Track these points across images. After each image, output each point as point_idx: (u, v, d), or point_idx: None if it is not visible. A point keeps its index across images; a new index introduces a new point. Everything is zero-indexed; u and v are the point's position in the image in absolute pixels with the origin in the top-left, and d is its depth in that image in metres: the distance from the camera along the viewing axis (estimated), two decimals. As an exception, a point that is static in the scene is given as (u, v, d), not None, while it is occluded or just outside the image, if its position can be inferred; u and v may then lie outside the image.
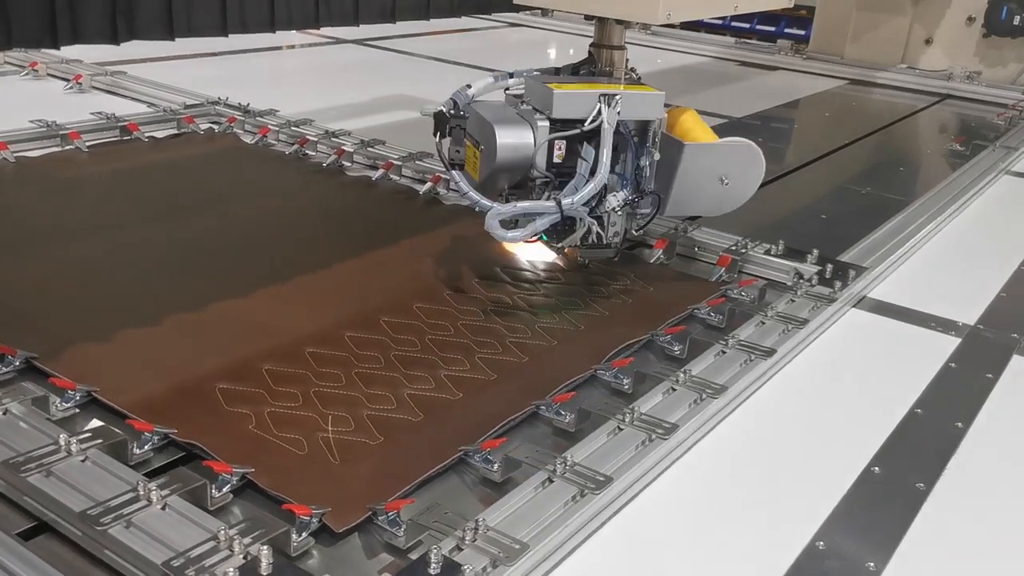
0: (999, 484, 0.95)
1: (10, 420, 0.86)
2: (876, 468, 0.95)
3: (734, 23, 4.27)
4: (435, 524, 0.78)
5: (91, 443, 0.83)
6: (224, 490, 0.81)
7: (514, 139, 1.17)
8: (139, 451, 0.85)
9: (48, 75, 2.24)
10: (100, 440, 0.84)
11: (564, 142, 1.18)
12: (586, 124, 1.16)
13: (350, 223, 1.51)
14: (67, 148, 1.72)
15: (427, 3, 1.82)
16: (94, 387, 0.94)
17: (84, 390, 0.93)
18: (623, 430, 0.91)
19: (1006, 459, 1.00)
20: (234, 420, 0.92)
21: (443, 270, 1.32)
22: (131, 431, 0.87)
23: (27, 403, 0.89)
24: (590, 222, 1.19)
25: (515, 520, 0.77)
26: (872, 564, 0.81)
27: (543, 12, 3.76)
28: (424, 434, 0.93)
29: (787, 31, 4.22)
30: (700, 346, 1.12)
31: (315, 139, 1.81)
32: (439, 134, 1.26)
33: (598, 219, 1.21)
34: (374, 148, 1.78)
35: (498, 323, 1.17)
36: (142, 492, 0.76)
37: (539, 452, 0.90)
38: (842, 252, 1.44)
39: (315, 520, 0.77)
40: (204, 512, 0.77)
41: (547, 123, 1.17)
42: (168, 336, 1.10)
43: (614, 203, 1.19)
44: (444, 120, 1.25)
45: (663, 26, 3.45)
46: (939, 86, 2.97)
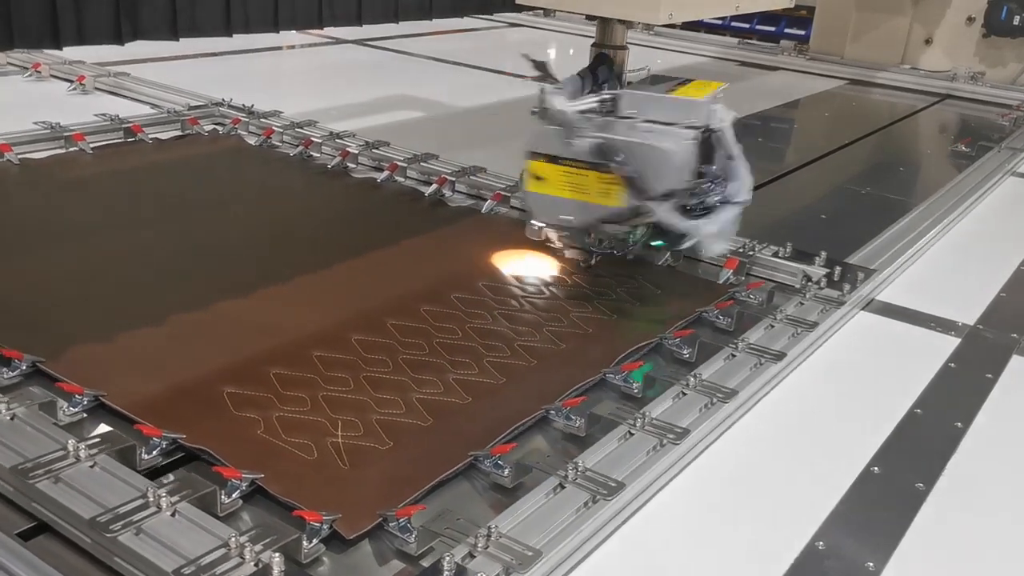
0: (998, 484, 0.95)
1: (17, 425, 0.86)
2: (876, 468, 0.94)
3: (734, 23, 4.26)
4: (446, 531, 0.77)
5: (99, 448, 0.82)
6: (234, 496, 0.80)
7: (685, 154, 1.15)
8: (147, 456, 0.85)
9: (51, 76, 2.24)
10: (108, 445, 0.83)
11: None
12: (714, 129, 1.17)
13: (355, 225, 1.50)
14: (71, 150, 1.71)
15: (430, 3, 1.82)
16: (101, 391, 0.93)
17: (92, 394, 0.92)
18: (634, 435, 0.91)
19: (1005, 459, 1.00)
20: (242, 425, 0.92)
21: (450, 273, 1.31)
22: (139, 436, 0.86)
23: (34, 408, 0.89)
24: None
25: (527, 527, 0.77)
26: (871, 564, 0.81)
27: (545, 12, 3.75)
28: (433, 439, 0.93)
29: (787, 31, 4.21)
30: (709, 349, 1.11)
31: (320, 141, 1.81)
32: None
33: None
34: (379, 150, 1.77)
35: (506, 326, 1.16)
36: (152, 498, 0.76)
37: (550, 457, 0.89)
38: (841, 252, 1.43)
39: (325, 527, 0.77)
40: (214, 519, 0.76)
41: (695, 132, 1.16)
42: (174, 339, 1.09)
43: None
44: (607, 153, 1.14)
45: (665, 26, 3.46)
46: (940, 86, 2.96)
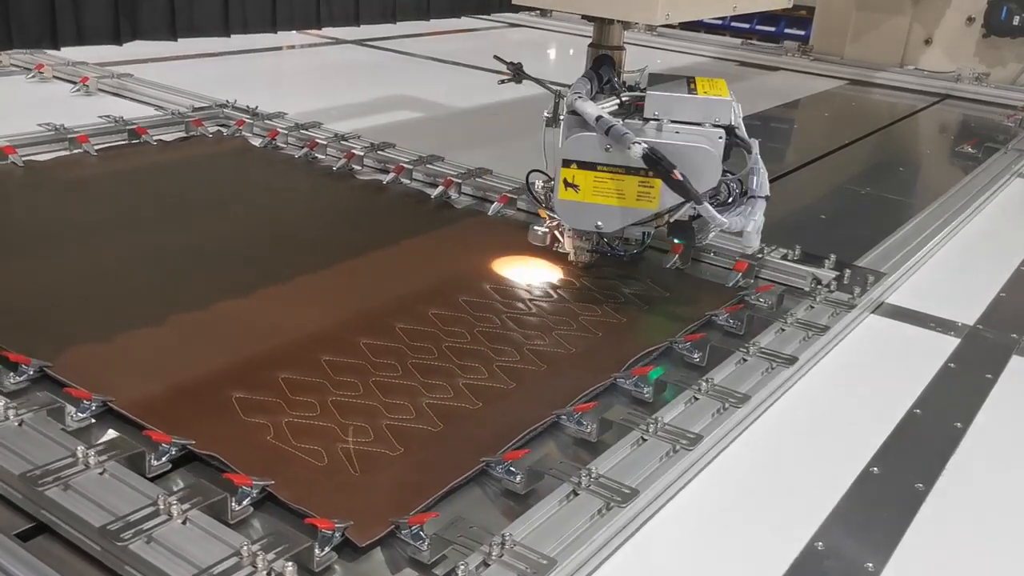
0: (998, 484, 0.95)
1: (26, 431, 0.85)
2: (875, 468, 0.94)
3: (734, 23, 4.25)
4: (460, 539, 0.77)
5: (109, 455, 0.82)
6: (244, 503, 0.79)
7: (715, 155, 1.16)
8: (157, 463, 0.84)
9: (54, 77, 2.23)
10: (118, 451, 0.83)
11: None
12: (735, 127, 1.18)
13: (362, 228, 1.49)
14: (75, 152, 1.71)
15: (427, 3, 1.81)
16: (110, 397, 0.92)
17: (100, 400, 0.92)
18: (647, 440, 0.90)
19: (1005, 459, 0.99)
20: (252, 430, 0.91)
21: (457, 276, 1.30)
22: (148, 442, 0.86)
23: (42, 413, 0.88)
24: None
25: (541, 534, 0.76)
26: (871, 565, 0.80)
27: (542, 12, 3.75)
28: (444, 445, 0.92)
29: (787, 31, 4.21)
30: (720, 353, 1.10)
31: (324, 142, 1.80)
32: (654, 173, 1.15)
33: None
34: (384, 151, 1.77)
35: (515, 330, 1.15)
36: (162, 506, 0.75)
37: (562, 464, 0.88)
38: (840, 252, 1.42)
39: (338, 534, 0.76)
40: (225, 526, 0.75)
41: (722, 132, 1.16)
42: (181, 342, 1.08)
43: None
44: (657, 160, 1.12)
45: (665, 26, 3.46)
46: (940, 86, 2.96)
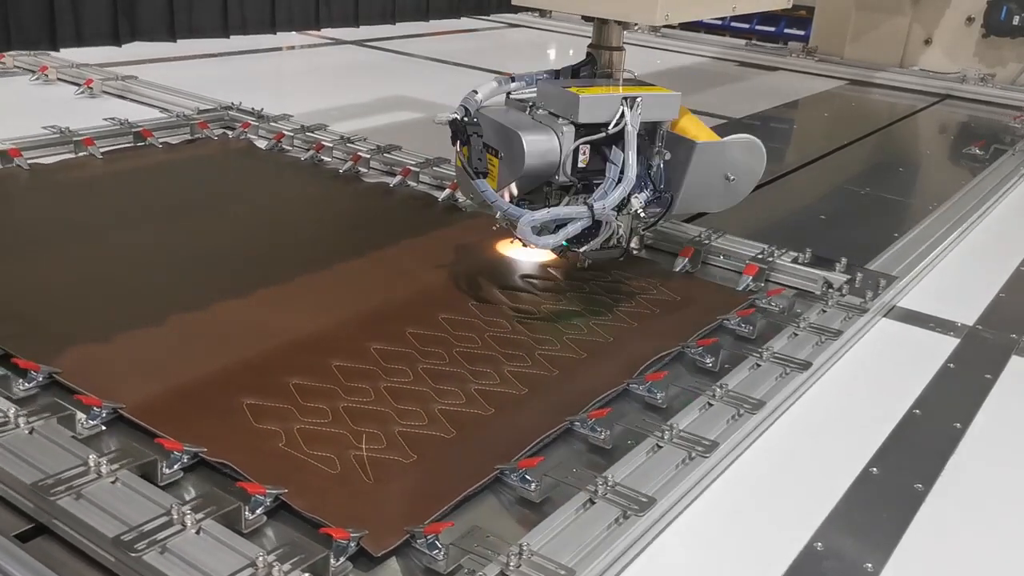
0: (997, 485, 0.94)
1: (36, 439, 0.84)
2: (874, 469, 0.94)
3: (733, 24, 4.25)
4: (477, 548, 0.76)
5: (121, 463, 0.81)
6: (258, 512, 0.79)
7: (542, 146, 1.16)
8: (169, 471, 0.83)
9: (58, 79, 2.22)
10: (129, 460, 0.82)
11: (588, 147, 1.17)
12: (610, 127, 1.15)
13: (369, 231, 1.48)
14: (81, 155, 1.70)
15: (426, 4, 1.80)
16: (120, 404, 0.92)
17: (110, 407, 0.91)
18: (662, 447, 0.89)
19: (1005, 460, 0.99)
20: (263, 437, 0.90)
21: (467, 280, 1.30)
22: (160, 450, 0.85)
23: (52, 421, 0.87)
24: (617, 225, 1.19)
25: (559, 544, 0.75)
26: (870, 565, 0.80)
27: (542, 13, 3.75)
28: (458, 452, 0.91)
29: (787, 31, 4.20)
30: (732, 358, 1.10)
31: (330, 145, 1.79)
32: (458, 142, 1.24)
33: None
34: (390, 154, 1.76)
35: (526, 335, 1.15)
36: (176, 516, 0.74)
37: (577, 471, 0.87)
38: (838, 253, 1.41)
39: (353, 544, 0.75)
40: (239, 536, 0.75)
41: (572, 128, 1.16)
42: (191, 348, 1.08)
43: (637, 205, 1.18)
44: (462, 128, 1.22)
45: (666, 27, 3.45)
46: (940, 87, 2.95)
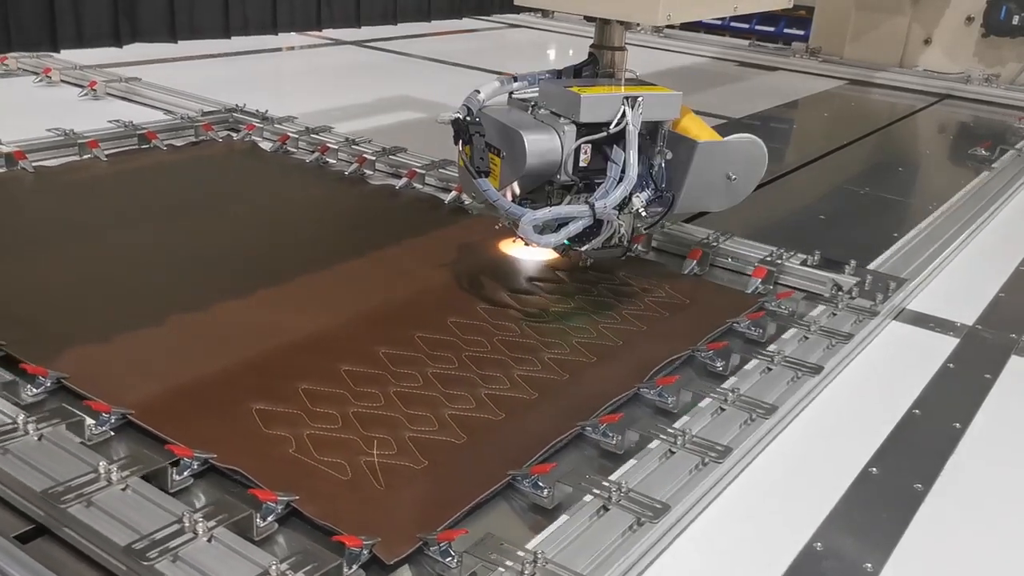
0: (997, 485, 0.94)
1: (46, 446, 0.84)
2: (874, 469, 0.93)
3: (733, 23, 4.24)
4: (491, 556, 0.75)
5: (131, 470, 0.80)
6: (269, 519, 0.78)
7: (543, 145, 1.16)
8: (179, 477, 0.83)
9: (62, 81, 2.22)
10: (140, 467, 0.81)
11: (590, 146, 1.17)
12: (611, 127, 1.15)
13: (375, 234, 1.48)
14: (86, 157, 1.69)
15: (428, 5, 1.80)
16: (129, 410, 0.91)
17: (119, 412, 0.90)
18: (675, 453, 0.89)
19: (1004, 460, 0.98)
20: (273, 443, 0.90)
21: (475, 283, 1.29)
22: (170, 456, 0.84)
23: (61, 427, 0.87)
24: (619, 224, 1.19)
25: (574, 551, 0.75)
26: (870, 565, 0.80)
27: (543, 13, 3.75)
28: (469, 457, 0.90)
29: (787, 31, 4.20)
30: (742, 362, 1.09)
31: (336, 147, 1.79)
32: (460, 142, 1.23)
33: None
34: (396, 156, 1.75)
35: (535, 338, 1.14)
36: (187, 524, 0.74)
37: (590, 477, 0.87)
38: (840, 254, 1.40)
39: (365, 551, 0.75)
40: (252, 544, 0.74)
41: (574, 128, 1.16)
42: (198, 352, 1.07)
43: (638, 204, 1.18)
44: (465, 127, 1.22)
45: (668, 27, 3.44)
46: (939, 87, 2.94)
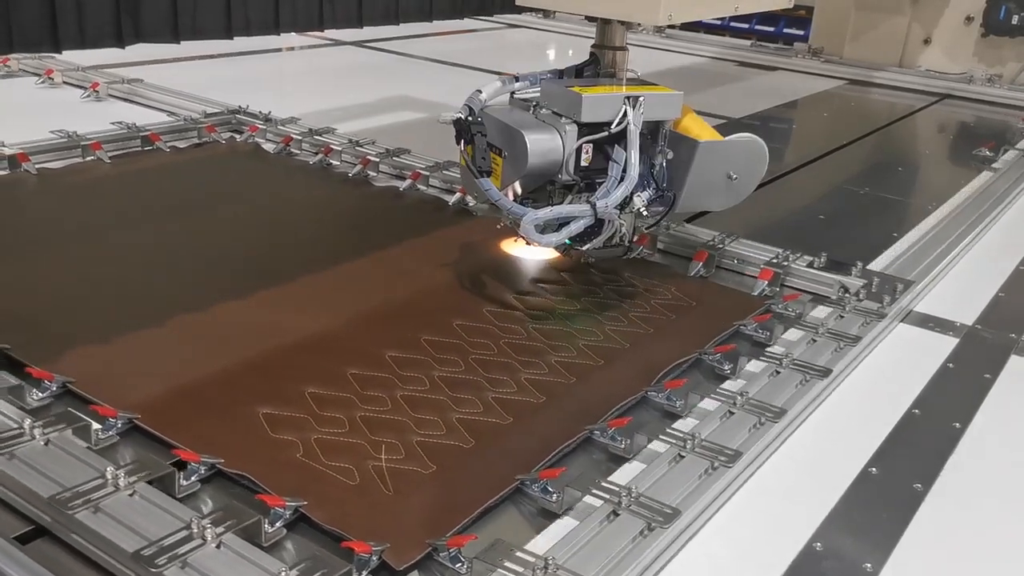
0: (997, 484, 0.94)
1: (52, 451, 0.83)
2: (873, 469, 0.93)
3: (733, 23, 4.24)
4: (501, 562, 0.75)
5: (138, 476, 0.80)
6: (277, 525, 0.77)
7: (545, 144, 1.16)
8: (186, 482, 0.82)
9: (64, 83, 2.21)
10: (147, 472, 0.81)
11: (591, 145, 1.17)
12: (613, 127, 1.15)
13: (380, 236, 1.47)
14: (89, 159, 1.69)
15: (430, 5, 1.80)
16: (135, 414, 0.91)
17: (126, 417, 0.90)
18: (684, 457, 0.88)
19: (1004, 459, 0.98)
20: (280, 447, 0.89)
21: (480, 285, 1.29)
22: (177, 461, 0.84)
23: (67, 432, 0.86)
24: (620, 224, 1.19)
25: (585, 557, 0.74)
26: (869, 565, 0.79)
27: (545, 13, 3.75)
28: (477, 462, 0.90)
29: (786, 31, 4.20)
30: (750, 365, 1.08)
31: (339, 148, 1.78)
32: (462, 142, 1.23)
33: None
34: (399, 158, 1.75)
35: (541, 341, 1.14)
36: (196, 530, 0.73)
37: (599, 482, 0.86)
38: (841, 254, 1.41)
39: (375, 558, 0.74)
40: (260, 550, 0.74)
41: (575, 127, 1.16)
42: (203, 355, 1.06)
43: (640, 203, 1.18)
44: (467, 127, 1.21)
45: (669, 27, 3.44)
46: (939, 86, 2.94)
